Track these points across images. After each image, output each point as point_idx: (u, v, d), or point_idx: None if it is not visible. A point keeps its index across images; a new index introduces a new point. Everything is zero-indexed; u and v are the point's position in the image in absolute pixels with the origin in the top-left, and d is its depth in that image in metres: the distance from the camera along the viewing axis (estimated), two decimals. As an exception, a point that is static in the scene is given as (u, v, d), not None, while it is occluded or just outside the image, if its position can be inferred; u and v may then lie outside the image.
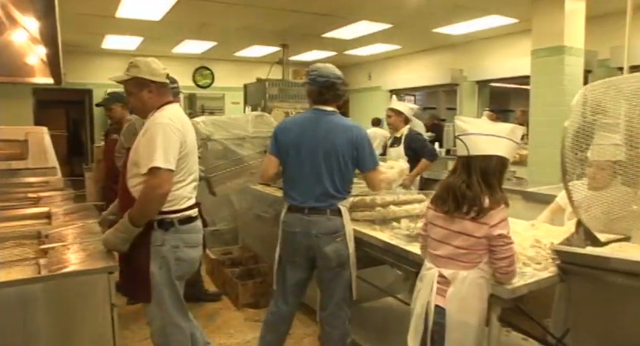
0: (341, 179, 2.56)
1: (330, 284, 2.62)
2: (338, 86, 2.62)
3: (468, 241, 1.77)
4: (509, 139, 1.81)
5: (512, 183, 4.37)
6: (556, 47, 5.33)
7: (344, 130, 2.57)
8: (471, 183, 1.77)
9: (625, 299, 1.43)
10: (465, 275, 1.76)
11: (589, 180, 1.93)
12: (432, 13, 6.36)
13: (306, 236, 2.57)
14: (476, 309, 1.75)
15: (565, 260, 1.51)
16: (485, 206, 1.74)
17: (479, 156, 1.79)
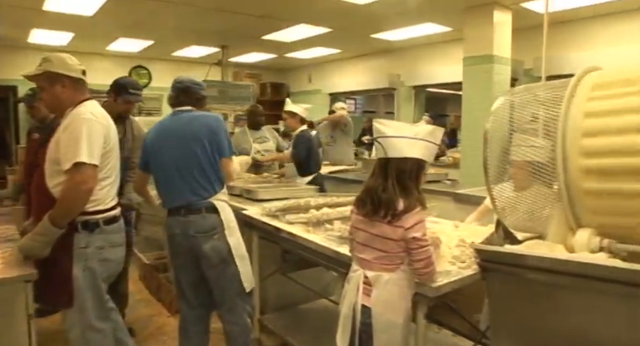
0: (211, 171, 2.60)
1: (218, 282, 2.64)
2: (194, 90, 2.73)
3: (387, 244, 1.81)
4: (427, 141, 1.84)
5: (445, 185, 4.52)
6: (485, 56, 5.59)
7: (200, 118, 2.66)
8: (386, 187, 1.80)
9: (540, 295, 1.50)
10: (387, 279, 1.80)
11: (512, 180, 2.03)
12: (371, 19, 6.49)
13: (185, 237, 2.59)
14: (401, 308, 1.80)
15: (484, 259, 1.57)
16: (400, 209, 1.77)
17: (396, 158, 1.82)
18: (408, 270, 1.81)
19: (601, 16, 5.79)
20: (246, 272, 2.65)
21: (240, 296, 2.66)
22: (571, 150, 1.51)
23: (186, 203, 2.57)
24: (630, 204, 1.42)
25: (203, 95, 2.78)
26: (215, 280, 2.65)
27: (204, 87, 2.82)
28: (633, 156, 1.39)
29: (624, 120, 1.43)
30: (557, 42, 5.88)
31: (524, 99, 1.85)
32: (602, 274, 1.28)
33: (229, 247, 2.59)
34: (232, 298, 2.66)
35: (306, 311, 3.50)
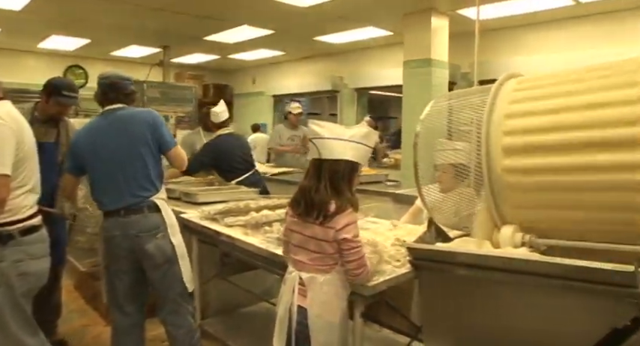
0: (155, 169, 2.57)
1: (162, 283, 2.58)
2: (121, 85, 2.63)
3: (320, 246, 1.82)
4: (362, 144, 1.86)
5: (386, 185, 4.61)
6: (424, 60, 5.77)
7: (138, 115, 2.59)
8: (319, 188, 1.82)
9: (468, 290, 1.55)
10: (322, 281, 1.81)
11: (438, 182, 2.10)
12: (313, 21, 6.53)
13: (126, 237, 2.51)
14: (337, 308, 1.82)
15: (416, 257, 1.61)
16: (331, 211, 1.78)
17: (329, 159, 1.83)
18: (342, 271, 1.83)
19: (532, 25, 6.10)
20: (188, 272, 2.61)
21: (182, 297, 2.61)
22: (494, 150, 1.58)
23: (127, 204, 2.50)
24: (550, 198, 1.50)
25: (132, 90, 2.68)
26: (159, 281, 2.58)
27: (132, 81, 2.70)
28: (550, 153, 1.47)
29: (542, 120, 1.51)
30: (492, 48, 6.15)
31: (452, 104, 1.91)
32: (521, 267, 1.34)
33: (173, 246, 2.54)
34: (176, 299, 2.60)
35: (247, 314, 3.46)
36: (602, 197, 1.40)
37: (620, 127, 1.34)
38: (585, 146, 1.40)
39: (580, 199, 1.45)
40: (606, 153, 1.36)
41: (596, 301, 1.22)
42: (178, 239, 2.59)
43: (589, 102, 1.43)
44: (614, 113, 1.36)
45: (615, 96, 1.38)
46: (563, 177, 1.45)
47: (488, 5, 5.24)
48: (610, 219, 1.43)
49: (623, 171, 1.33)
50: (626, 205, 1.35)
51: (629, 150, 1.32)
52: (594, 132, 1.39)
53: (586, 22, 5.68)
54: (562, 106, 1.48)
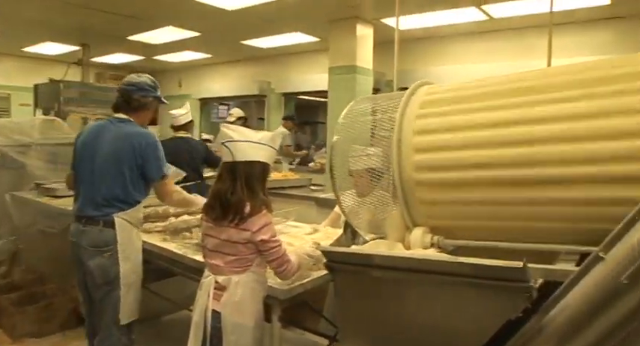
0: (122, 188, 2.43)
1: (100, 305, 2.44)
2: (130, 93, 2.53)
3: (235, 248, 1.83)
4: (269, 146, 1.94)
5: (310, 190, 4.65)
6: (349, 66, 5.90)
7: (128, 137, 2.47)
8: (235, 189, 1.84)
9: (382, 291, 1.59)
10: (237, 280, 1.82)
11: (355, 188, 2.15)
12: (240, 25, 6.48)
13: (78, 247, 2.41)
14: (251, 311, 1.83)
15: (330, 259, 1.64)
16: (247, 212, 1.82)
17: (243, 161, 1.87)
18: (258, 271, 1.84)
19: (451, 36, 6.41)
20: (130, 302, 2.44)
21: (117, 325, 2.43)
22: (405, 150, 1.65)
23: (90, 214, 2.41)
24: (458, 200, 1.58)
25: (139, 99, 2.55)
26: (98, 302, 2.44)
27: (145, 89, 2.57)
28: (459, 150, 1.55)
29: (451, 119, 1.60)
30: (414, 57, 6.41)
31: (369, 108, 1.97)
32: (427, 267, 1.41)
33: (118, 271, 2.38)
34: (108, 326, 2.43)
35: (169, 322, 3.37)
36: (507, 194, 1.49)
37: (519, 125, 1.44)
38: (489, 146, 1.49)
39: (486, 199, 1.54)
40: (509, 149, 1.46)
41: (493, 296, 1.30)
42: (130, 266, 2.43)
43: (491, 105, 1.53)
44: (513, 114, 1.46)
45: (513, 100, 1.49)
46: (469, 178, 1.53)
47: (410, 16, 5.44)
48: (516, 214, 1.52)
49: (524, 167, 1.42)
50: (530, 200, 1.45)
51: (527, 146, 1.41)
52: (497, 131, 1.48)
53: (499, 36, 6.06)
54: (467, 109, 1.57)
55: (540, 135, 1.39)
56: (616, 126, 1.29)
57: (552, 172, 1.37)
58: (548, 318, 1.26)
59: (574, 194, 1.35)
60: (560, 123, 1.37)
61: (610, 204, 1.28)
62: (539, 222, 1.47)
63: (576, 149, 1.33)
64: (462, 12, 5.55)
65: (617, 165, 1.28)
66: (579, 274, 1.22)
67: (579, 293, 1.22)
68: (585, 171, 1.32)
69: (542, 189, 1.40)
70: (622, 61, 1.43)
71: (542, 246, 1.48)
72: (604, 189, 1.31)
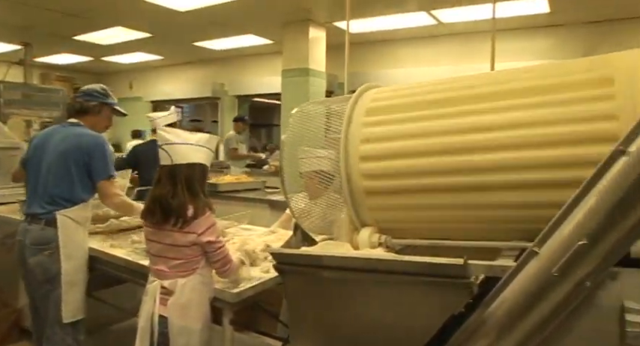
0: (68, 186, 2.45)
1: (42, 304, 2.44)
2: (76, 98, 2.66)
3: (180, 252, 1.82)
4: (207, 148, 1.95)
5: (265, 192, 4.64)
6: (302, 69, 5.93)
7: (77, 137, 2.52)
8: (176, 193, 1.83)
9: (331, 291, 1.60)
10: (184, 283, 1.81)
11: (306, 190, 2.17)
12: (192, 26, 6.40)
13: (22, 246, 2.42)
14: (198, 315, 1.82)
15: (280, 261, 1.64)
16: (190, 215, 1.81)
17: (183, 164, 1.86)
18: (205, 273, 1.84)
19: (403, 40, 6.56)
20: (73, 301, 2.42)
21: (60, 325, 2.41)
22: (352, 156, 1.68)
23: (34, 212, 2.44)
24: (403, 200, 1.62)
25: (89, 105, 2.63)
26: (39, 301, 2.44)
27: (96, 96, 2.65)
28: (402, 158, 1.59)
29: (394, 128, 1.63)
30: (367, 60, 6.51)
31: (317, 110, 1.99)
32: (375, 266, 1.44)
33: (59, 269, 2.37)
34: (53, 326, 2.41)
35: (118, 331, 3.28)
36: (452, 197, 1.54)
37: (459, 134, 1.49)
38: (433, 152, 1.54)
39: (431, 205, 1.58)
40: (451, 157, 1.51)
41: (437, 292, 1.34)
42: (72, 264, 2.42)
43: (433, 114, 1.58)
44: (453, 123, 1.51)
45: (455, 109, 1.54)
46: (413, 179, 1.57)
47: (362, 19, 5.53)
48: (459, 218, 1.57)
49: (465, 174, 1.48)
50: (471, 205, 1.50)
51: (467, 154, 1.46)
52: (439, 139, 1.53)
53: (447, 40, 6.24)
54: (412, 117, 1.61)
55: (480, 143, 1.45)
56: (550, 134, 1.36)
57: (490, 179, 1.43)
58: (488, 312, 1.31)
59: (511, 199, 1.42)
60: (499, 132, 1.43)
61: (545, 208, 1.34)
62: (480, 223, 1.52)
63: (513, 157, 1.40)
64: (412, 16, 5.69)
65: (550, 172, 1.35)
66: (516, 269, 1.27)
67: (516, 287, 1.27)
68: (521, 178, 1.39)
69: (481, 195, 1.46)
70: (562, 69, 1.50)
71: (484, 243, 1.54)
72: (539, 194, 1.37)
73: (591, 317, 1.25)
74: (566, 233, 1.21)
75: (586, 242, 1.18)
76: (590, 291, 1.22)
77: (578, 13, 5.55)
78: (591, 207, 1.19)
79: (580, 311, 1.24)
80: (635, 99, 1.25)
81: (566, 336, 1.27)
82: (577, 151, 1.31)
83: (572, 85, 1.38)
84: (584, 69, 1.42)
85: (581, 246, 1.18)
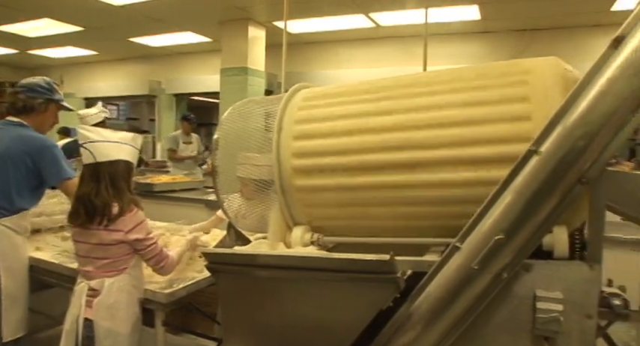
0: (6, 194, 2.26)
1: None
2: (18, 94, 2.40)
3: (108, 251, 1.78)
4: (131, 146, 1.92)
5: (204, 192, 4.56)
6: (241, 68, 5.88)
7: (19, 140, 2.31)
8: (99, 191, 1.79)
9: (263, 289, 1.60)
10: (111, 282, 1.77)
11: (241, 193, 2.15)
12: (128, 21, 6.18)
13: None
14: (126, 317, 1.77)
15: (212, 261, 1.63)
16: (115, 213, 1.78)
17: (106, 162, 1.83)
18: (134, 273, 1.80)
19: (342, 41, 6.65)
20: (14, 319, 2.24)
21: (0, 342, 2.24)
22: (284, 153, 1.69)
23: None
24: (335, 198, 1.65)
25: (34, 103, 2.38)
26: None
27: (41, 91, 2.41)
28: (332, 156, 1.62)
29: (326, 125, 1.65)
30: (306, 60, 6.55)
31: (251, 109, 1.98)
32: (305, 264, 1.45)
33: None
34: None
35: (46, 339, 3.11)
36: (381, 194, 1.58)
37: (389, 132, 1.53)
38: (362, 149, 1.57)
39: (360, 197, 1.61)
40: (380, 154, 1.54)
41: (365, 288, 1.37)
42: (13, 277, 2.23)
43: (365, 111, 1.61)
44: (386, 120, 1.56)
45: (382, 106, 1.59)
46: (344, 177, 1.60)
47: (302, 20, 5.56)
48: (388, 215, 1.62)
49: (394, 172, 1.52)
50: (400, 201, 1.55)
51: (403, 151, 1.51)
52: (369, 137, 1.57)
53: (384, 43, 6.39)
54: (342, 115, 1.64)
55: (406, 141, 1.50)
56: (470, 134, 1.43)
57: (417, 177, 1.48)
58: (415, 306, 1.36)
59: (437, 195, 1.48)
60: (425, 131, 1.49)
61: (469, 204, 1.41)
62: (408, 220, 1.58)
63: (437, 155, 1.46)
64: (351, 19, 5.78)
65: (471, 170, 1.42)
66: (440, 264, 1.33)
67: (440, 281, 1.33)
68: (445, 176, 1.45)
69: (408, 192, 1.51)
70: (481, 72, 1.57)
71: (411, 240, 1.59)
72: (462, 192, 1.44)
73: (508, 307, 1.33)
74: (485, 228, 1.28)
75: (502, 236, 1.26)
76: (507, 282, 1.30)
77: (506, 21, 5.85)
78: (507, 204, 1.26)
79: (498, 301, 1.32)
80: (547, 101, 1.34)
81: (485, 325, 1.34)
82: (496, 150, 1.39)
83: (489, 88, 1.46)
84: (501, 72, 1.50)
85: (498, 241, 1.26)
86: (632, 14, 1.19)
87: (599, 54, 1.20)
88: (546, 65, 1.45)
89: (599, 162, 1.22)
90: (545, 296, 1.28)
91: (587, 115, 1.19)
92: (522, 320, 1.31)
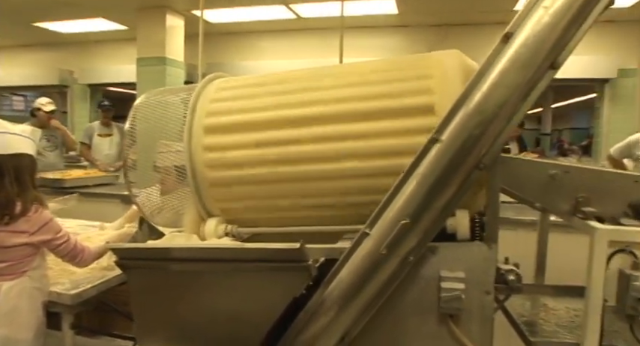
0: None
1: None
2: None
3: (8, 254, 1.65)
4: (32, 139, 1.83)
5: (118, 187, 4.35)
6: (159, 58, 5.67)
7: None
8: (3, 185, 1.67)
9: (177, 283, 1.57)
10: (10, 286, 1.65)
11: (160, 184, 2.09)
12: (32, 4, 5.74)
13: None
14: (28, 322, 1.66)
15: (122, 257, 1.57)
16: (18, 211, 1.67)
17: (10, 154, 1.71)
18: (36, 276, 1.69)
19: (263, 32, 6.59)
20: None
21: None
22: (196, 146, 1.66)
23: None
24: (245, 190, 1.64)
25: None
26: None
27: None
28: (244, 149, 1.61)
29: (237, 118, 1.64)
30: (226, 50, 6.44)
31: (163, 100, 1.93)
32: (216, 255, 1.45)
33: None
34: None
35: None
36: (291, 186, 1.59)
37: (304, 125, 1.55)
38: (273, 142, 1.58)
39: (271, 190, 1.62)
40: (290, 147, 1.56)
41: (277, 277, 1.39)
42: None
43: (274, 103, 1.62)
44: (296, 113, 1.57)
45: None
46: (254, 169, 1.60)
47: (223, 9, 5.45)
48: (299, 205, 1.63)
49: (301, 164, 1.54)
50: (308, 192, 1.57)
51: (308, 144, 1.53)
52: (279, 130, 1.58)
53: (307, 34, 6.41)
54: (252, 107, 1.64)
55: (315, 134, 1.53)
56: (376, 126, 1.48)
57: (326, 167, 1.52)
58: (327, 292, 1.39)
59: (346, 185, 1.52)
60: (333, 124, 1.52)
61: (378, 193, 1.46)
62: (318, 210, 1.61)
63: (345, 146, 1.49)
64: (272, 9, 5.74)
65: (378, 160, 1.47)
66: (350, 250, 1.37)
67: (351, 267, 1.37)
68: (354, 165, 1.49)
69: (318, 182, 1.54)
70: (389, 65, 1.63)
71: (326, 228, 1.62)
72: (368, 180, 1.49)
73: (416, 288, 1.40)
74: (392, 214, 1.33)
75: (408, 221, 1.31)
76: (414, 265, 1.36)
77: (423, 16, 6.06)
78: (412, 190, 1.32)
79: (406, 283, 1.38)
80: (448, 93, 1.41)
81: (396, 307, 1.40)
82: (401, 141, 1.44)
83: (395, 81, 1.51)
84: (408, 65, 1.57)
85: (403, 225, 1.31)
86: (519, 12, 1.28)
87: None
88: (448, 58, 1.52)
89: (494, 149, 1.30)
90: (448, 276, 1.36)
91: (482, 105, 1.27)
92: (429, 300, 1.38)
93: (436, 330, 1.39)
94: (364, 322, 1.38)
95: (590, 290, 1.27)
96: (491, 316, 1.39)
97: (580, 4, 1.23)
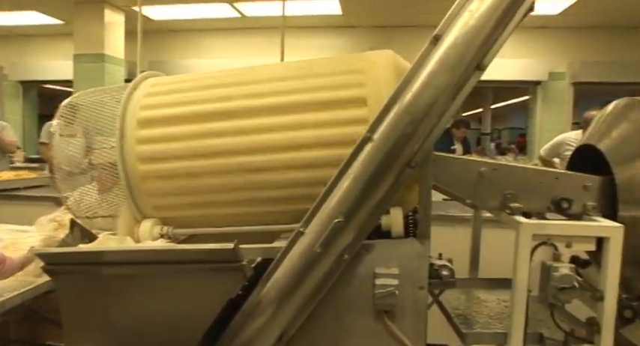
0: None
1: None
2: None
3: None
4: None
5: (51, 189, 4.16)
6: (97, 54, 5.47)
7: None
8: None
9: (113, 288, 1.52)
10: None
11: (97, 183, 2.00)
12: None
13: None
14: None
15: (50, 262, 1.50)
16: None
17: None
18: None
19: (208, 31, 6.50)
20: None
21: None
22: (128, 145, 1.61)
23: None
24: (176, 184, 1.60)
25: None
26: None
27: None
28: (176, 141, 1.58)
29: (170, 112, 1.61)
30: (169, 48, 6.29)
31: (96, 98, 1.87)
32: (149, 258, 1.41)
33: None
34: None
35: None
36: (224, 180, 1.57)
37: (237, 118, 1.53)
38: (204, 134, 1.55)
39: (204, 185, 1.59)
40: (223, 139, 1.54)
41: (212, 278, 1.37)
42: None
43: (210, 98, 1.60)
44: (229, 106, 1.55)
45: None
46: (187, 162, 1.56)
47: (165, 6, 5.32)
48: (234, 202, 1.61)
49: (234, 156, 1.52)
50: (242, 186, 1.55)
51: (241, 135, 1.51)
52: (211, 123, 1.55)
53: (252, 33, 6.36)
54: (187, 101, 1.61)
55: (248, 127, 1.52)
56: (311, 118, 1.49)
57: (260, 159, 1.51)
58: (264, 292, 1.38)
59: (278, 178, 1.51)
60: (266, 117, 1.51)
61: (307, 186, 1.46)
62: (254, 207, 1.60)
63: (279, 138, 1.49)
64: (215, 7, 5.66)
65: (312, 152, 1.48)
66: (286, 249, 1.37)
67: (287, 266, 1.37)
68: (285, 158, 1.49)
69: (253, 175, 1.53)
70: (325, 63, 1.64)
71: (263, 227, 1.61)
72: (302, 173, 1.49)
73: (351, 286, 1.41)
74: (326, 212, 1.34)
75: (342, 219, 1.33)
76: (349, 263, 1.37)
77: (367, 17, 6.16)
78: (345, 188, 1.34)
79: (342, 281, 1.39)
80: (380, 92, 1.43)
81: (332, 305, 1.41)
82: (335, 133, 1.46)
83: (330, 74, 1.53)
84: (343, 62, 1.59)
85: (338, 223, 1.32)
86: (447, 15, 1.32)
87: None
88: (381, 57, 1.56)
89: (425, 147, 1.34)
90: (383, 273, 1.38)
91: (412, 105, 1.30)
92: (365, 297, 1.40)
93: (372, 326, 1.41)
94: (301, 321, 1.39)
95: (515, 281, 1.33)
96: (424, 311, 1.43)
97: (503, 9, 1.29)
